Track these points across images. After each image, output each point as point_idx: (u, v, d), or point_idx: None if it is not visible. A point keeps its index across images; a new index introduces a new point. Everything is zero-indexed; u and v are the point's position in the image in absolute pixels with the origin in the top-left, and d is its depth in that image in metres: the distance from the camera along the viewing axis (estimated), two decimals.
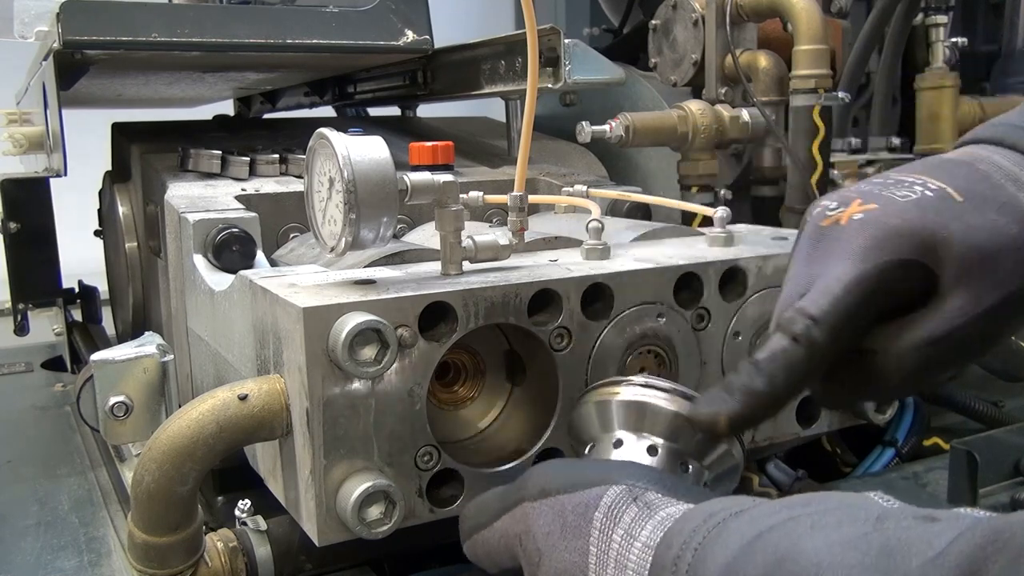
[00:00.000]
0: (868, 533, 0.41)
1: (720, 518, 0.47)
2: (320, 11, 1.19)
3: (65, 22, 1.07)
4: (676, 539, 0.48)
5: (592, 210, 0.86)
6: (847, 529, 0.42)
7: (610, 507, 0.52)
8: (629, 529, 0.50)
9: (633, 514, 0.51)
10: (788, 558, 0.42)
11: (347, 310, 0.64)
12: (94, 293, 1.77)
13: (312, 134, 0.71)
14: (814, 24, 1.20)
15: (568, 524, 0.53)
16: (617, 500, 0.52)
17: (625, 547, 0.50)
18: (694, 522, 0.48)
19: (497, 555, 0.59)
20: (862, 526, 0.42)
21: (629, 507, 0.51)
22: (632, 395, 0.64)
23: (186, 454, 0.68)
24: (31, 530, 1.07)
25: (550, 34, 1.13)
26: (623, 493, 0.52)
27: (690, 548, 0.46)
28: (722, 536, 0.46)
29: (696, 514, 0.49)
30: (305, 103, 1.94)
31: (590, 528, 0.52)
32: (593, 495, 0.53)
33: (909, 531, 0.40)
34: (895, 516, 0.42)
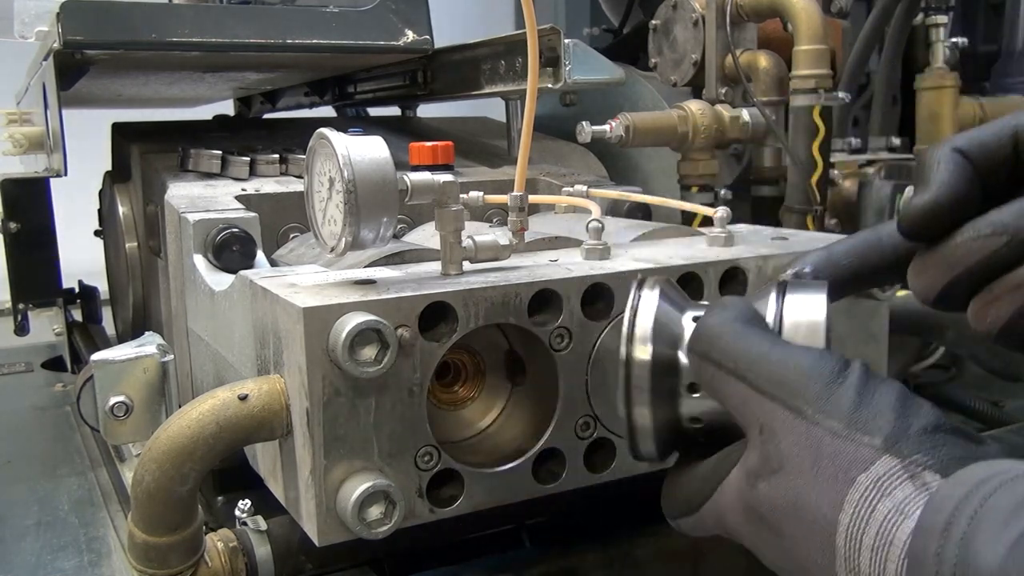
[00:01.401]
0: None
1: (994, 484, 0.43)
2: (320, 11, 1.19)
3: (65, 22, 1.07)
4: (945, 504, 0.44)
5: (592, 210, 0.86)
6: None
7: (880, 477, 0.47)
8: (901, 506, 0.46)
9: (908, 492, 0.46)
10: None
11: (347, 310, 0.64)
12: (94, 293, 1.77)
13: (312, 134, 0.71)
14: (814, 24, 1.21)
15: (822, 466, 0.48)
16: (889, 473, 0.47)
17: (894, 521, 0.46)
18: (964, 487, 0.44)
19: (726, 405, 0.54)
20: None
21: (903, 484, 0.46)
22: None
23: (186, 454, 0.68)
24: (31, 530, 1.07)
25: (550, 34, 1.13)
26: (897, 468, 0.47)
27: (963, 514, 0.42)
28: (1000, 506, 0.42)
29: (966, 478, 0.44)
30: (305, 103, 1.94)
31: (849, 486, 0.47)
32: (860, 456, 0.48)
33: None
34: None
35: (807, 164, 1.22)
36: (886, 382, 0.51)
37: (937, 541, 0.43)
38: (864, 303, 0.87)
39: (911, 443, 0.48)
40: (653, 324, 0.58)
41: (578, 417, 0.75)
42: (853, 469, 0.48)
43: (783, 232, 0.94)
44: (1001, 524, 0.41)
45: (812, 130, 1.22)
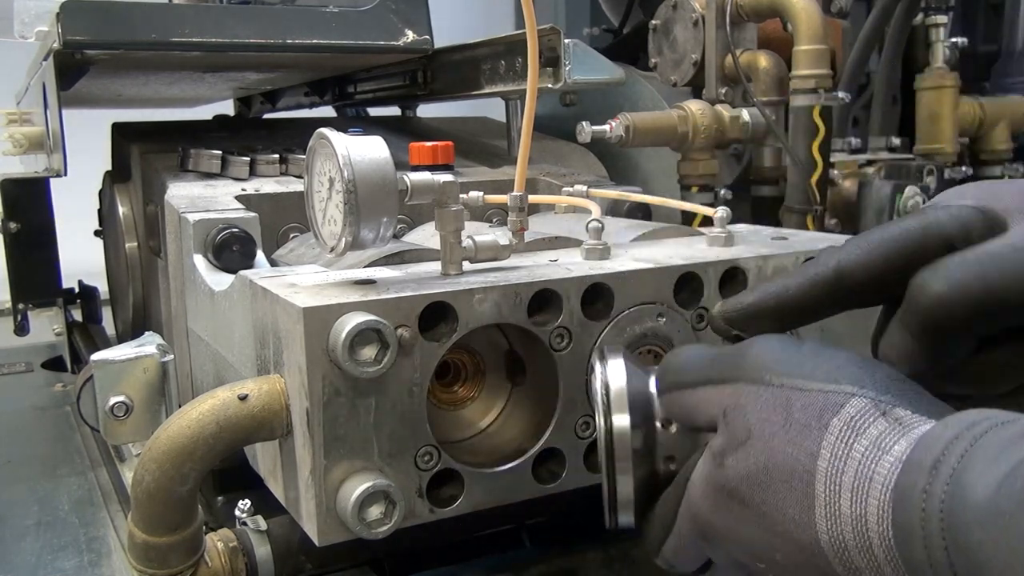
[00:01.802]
0: None
1: (985, 427, 0.43)
2: (320, 11, 1.19)
3: (65, 22, 1.07)
4: (935, 443, 0.44)
5: (592, 210, 0.86)
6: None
7: (853, 417, 0.47)
8: (877, 441, 0.46)
9: (882, 428, 0.47)
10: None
11: (347, 310, 0.64)
12: (94, 293, 1.77)
13: (312, 134, 0.71)
14: (814, 24, 1.21)
15: (794, 419, 0.49)
16: (861, 412, 0.47)
17: (872, 458, 0.46)
18: (954, 429, 0.44)
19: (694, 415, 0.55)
20: None
21: (877, 420, 0.47)
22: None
23: (186, 454, 0.68)
24: (31, 530, 1.07)
25: (550, 34, 1.13)
26: (868, 406, 0.47)
27: (953, 453, 0.43)
28: (991, 445, 0.42)
29: (956, 422, 0.45)
30: (305, 103, 1.94)
31: (824, 432, 0.47)
32: (829, 400, 0.48)
33: None
34: None
35: (807, 164, 1.22)
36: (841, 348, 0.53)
37: (926, 477, 0.43)
38: None
39: (878, 385, 0.48)
40: (627, 391, 0.58)
41: (578, 417, 0.75)
42: (825, 415, 0.48)
43: (783, 232, 0.94)
44: (991, 460, 0.41)
45: (812, 130, 1.22)
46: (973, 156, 1.52)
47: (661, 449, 0.59)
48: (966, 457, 0.42)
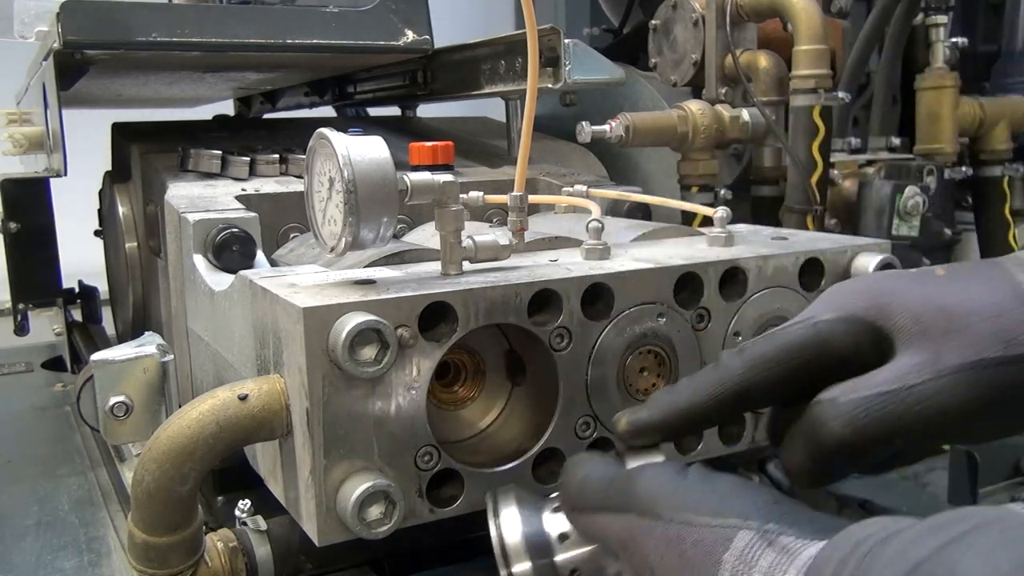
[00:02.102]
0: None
1: (869, 545, 0.45)
2: (320, 11, 1.19)
3: (65, 22, 1.07)
4: (825, 567, 0.45)
5: (592, 210, 0.86)
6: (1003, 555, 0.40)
7: (743, 551, 0.49)
8: (769, 572, 0.48)
9: (771, 559, 0.48)
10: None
11: (347, 310, 0.64)
12: (94, 293, 1.77)
13: (312, 134, 0.71)
14: (814, 24, 1.21)
15: (688, 558, 0.50)
16: (750, 545, 0.49)
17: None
18: (841, 551, 0.46)
19: (597, 540, 0.58)
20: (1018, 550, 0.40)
21: (765, 552, 0.49)
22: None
23: (186, 454, 0.68)
24: (31, 530, 1.07)
25: (550, 34, 1.13)
26: (755, 539, 0.49)
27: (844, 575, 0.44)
28: (874, 568, 0.43)
29: (842, 543, 0.46)
30: (305, 103, 1.94)
31: (718, 569, 0.49)
32: (719, 536, 0.50)
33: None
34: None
35: (807, 164, 1.22)
36: (723, 473, 0.55)
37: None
38: None
39: (761, 514, 0.50)
40: (523, 538, 0.61)
41: (578, 417, 0.75)
42: (717, 550, 0.49)
43: (783, 232, 0.94)
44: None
45: (812, 130, 1.22)
46: (973, 156, 1.52)
47: (564, 570, 0.61)
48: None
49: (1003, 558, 0.40)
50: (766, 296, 0.82)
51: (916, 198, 1.25)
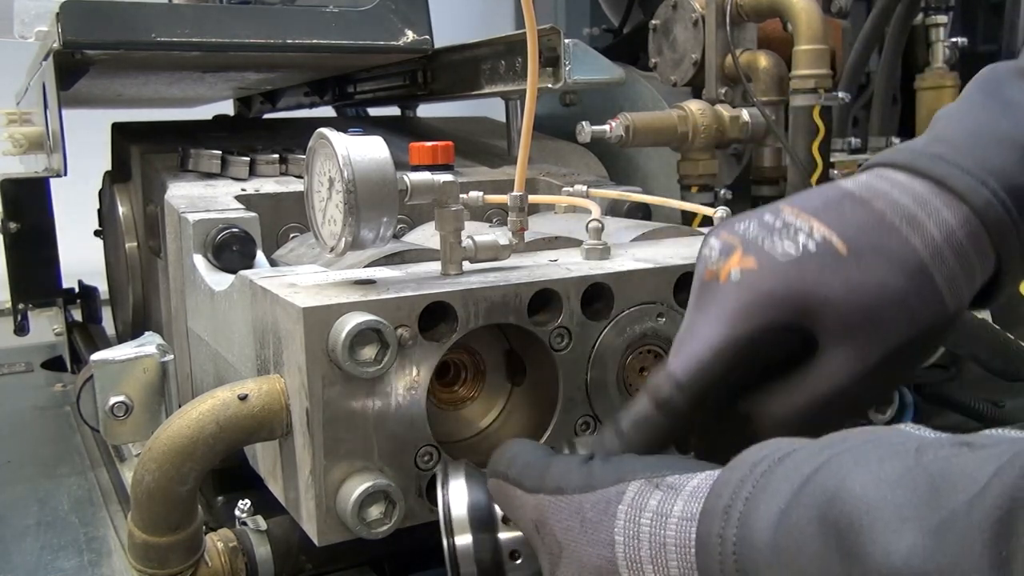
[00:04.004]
0: (911, 468, 0.41)
1: (765, 466, 0.47)
2: (320, 11, 1.19)
3: (65, 22, 1.07)
4: (724, 489, 0.48)
5: (592, 210, 0.86)
6: (889, 465, 0.42)
7: (633, 499, 0.52)
8: (658, 509, 0.50)
9: (659, 497, 0.51)
10: (837, 498, 0.41)
11: (347, 310, 0.64)
12: (94, 293, 1.77)
13: (312, 134, 0.71)
14: (814, 24, 1.21)
15: (588, 520, 0.53)
16: (639, 491, 0.52)
17: (658, 525, 0.50)
18: (740, 471, 0.48)
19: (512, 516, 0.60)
20: (903, 460, 0.42)
21: (653, 493, 0.51)
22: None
23: (186, 454, 0.68)
24: (31, 530, 1.07)
25: (550, 34, 1.13)
26: (643, 484, 0.52)
27: (740, 497, 0.46)
28: (771, 484, 0.45)
29: (740, 463, 0.49)
30: (305, 103, 1.94)
31: (613, 521, 0.51)
32: (613, 492, 0.53)
33: (950, 463, 0.40)
34: (933, 446, 0.42)
35: (807, 164, 1.22)
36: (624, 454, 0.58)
37: (719, 523, 0.47)
38: None
39: (649, 467, 0.53)
40: (467, 510, 0.62)
41: (578, 417, 0.75)
42: (611, 505, 0.52)
43: None
44: (772, 497, 0.45)
45: (812, 130, 1.22)
46: None
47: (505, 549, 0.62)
48: (751, 498, 0.46)
49: (888, 468, 0.41)
50: None
51: None
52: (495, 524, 0.62)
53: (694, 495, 0.50)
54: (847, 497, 0.41)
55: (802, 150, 1.22)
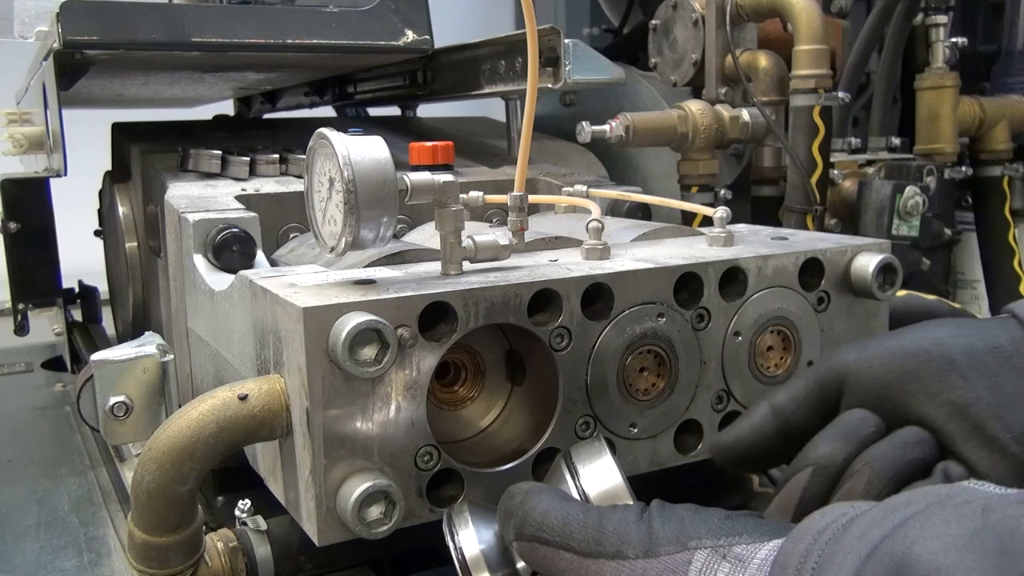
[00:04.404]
0: (980, 530, 0.41)
1: (830, 534, 0.47)
2: (320, 11, 1.19)
3: (65, 22, 1.07)
4: (790, 560, 0.48)
5: (592, 210, 0.86)
6: (956, 528, 0.42)
7: (700, 570, 0.51)
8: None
9: (727, 570, 0.51)
10: (906, 565, 0.41)
11: (347, 310, 0.64)
12: (94, 293, 1.77)
13: (312, 134, 0.71)
14: (814, 24, 1.21)
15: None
16: (706, 563, 0.52)
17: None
18: (804, 542, 0.48)
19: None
20: (971, 522, 0.42)
21: (721, 565, 0.51)
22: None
23: (186, 454, 0.68)
24: (31, 530, 1.07)
25: (550, 34, 1.13)
26: (710, 556, 0.52)
27: (806, 568, 0.46)
28: (837, 554, 0.45)
29: (804, 533, 0.49)
30: (305, 103, 1.94)
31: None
32: (679, 561, 0.52)
33: (1019, 523, 0.40)
34: (1000, 505, 0.42)
35: (807, 164, 1.22)
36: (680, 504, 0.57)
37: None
38: (864, 303, 0.87)
39: (713, 533, 0.53)
40: (481, 554, 0.63)
41: (578, 417, 0.75)
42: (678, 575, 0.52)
43: (783, 232, 0.94)
44: (839, 568, 0.45)
45: (812, 130, 1.22)
46: (973, 156, 1.52)
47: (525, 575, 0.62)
48: (817, 569, 0.46)
49: (956, 531, 0.41)
50: (766, 296, 0.82)
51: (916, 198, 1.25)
52: (511, 558, 0.63)
53: (762, 568, 0.49)
54: (916, 564, 0.41)
55: (802, 150, 1.22)
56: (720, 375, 0.81)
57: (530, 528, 0.59)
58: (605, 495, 0.64)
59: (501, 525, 0.62)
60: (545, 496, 0.61)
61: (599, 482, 0.64)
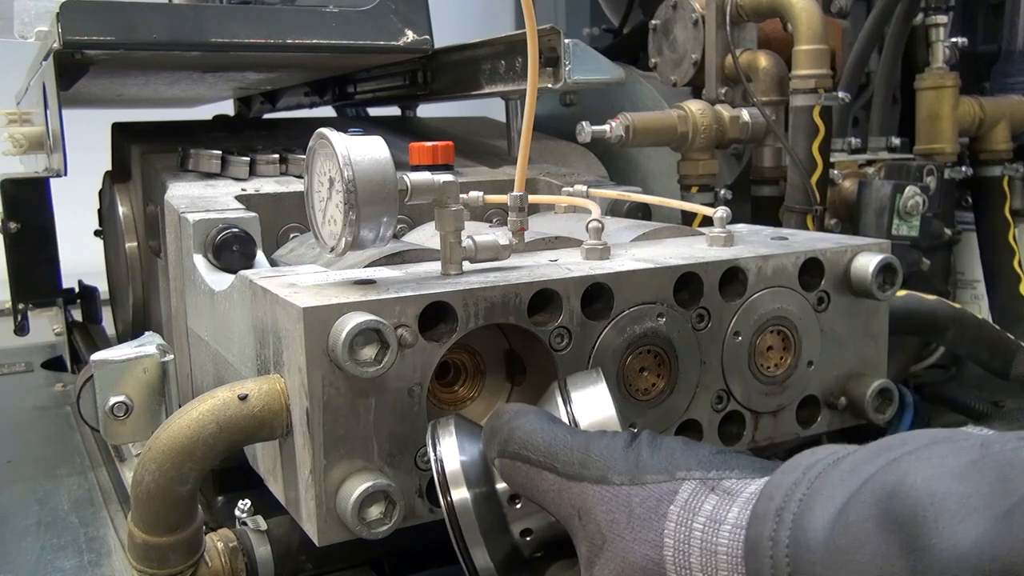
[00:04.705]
0: (976, 460, 0.40)
1: (819, 468, 0.46)
2: (320, 11, 1.19)
3: (65, 22, 1.07)
4: (776, 492, 0.47)
5: (592, 210, 0.86)
6: (953, 460, 0.41)
7: (687, 500, 0.51)
8: (712, 515, 0.49)
9: (714, 502, 0.50)
10: (899, 491, 0.41)
11: (347, 310, 0.64)
12: (94, 293, 1.77)
13: (312, 134, 0.71)
14: (814, 24, 1.21)
15: (636, 515, 0.52)
16: (693, 494, 0.51)
17: (711, 531, 0.49)
18: (793, 475, 0.47)
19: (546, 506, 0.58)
20: (967, 454, 0.41)
21: (708, 497, 0.50)
22: None
23: (186, 454, 0.68)
24: (31, 530, 1.07)
25: (550, 34, 1.13)
26: (698, 487, 0.51)
27: (794, 499, 0.45)
28: (826, 486, 0.45)
29: (793, 467, 0.48)
30: (305, 103, 1.94)
31: (664, 521, 0.50)
32: (664, 490, 0.51)
33: (1019, 453, 0.39)
34: (999, 440, 0.41)
35: (807, 164, 1.22)
36: (670, 437, 0.56)
37: (770, 525, 0.46)
38: (864, 303, 0.87)
39: (703, 466, 0.52)
40: (461, 466, 0.62)
41: None
42: (663, 504, 0.51)
43: (783, 232, 0.94)
44: (827, 499, 0.44)
45: (812, 130, 1.21)
46: (973, 156, 1.52)
47: (516, 524, 0.62)
48: (805, 500, 0.45)
49: (953, 462, 0.41)
50: (766, 296, 0.82)
51: (916, 198, 1.25)
52: (492, 476, 0.61)
53: (750, 502, 0.49)
54: (909, 491, 0.40)
55: (802, 150, 1.22)
56: (720, 375, 0.81)
57: (514, 446, 0.58)
58: (596, 424, 0.63)
59: (485, 442, 0.61)
60: (533, 416, 0.60)
61: (591, 411, 0.63)
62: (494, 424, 0.60)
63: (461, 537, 0.61)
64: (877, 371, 0.89)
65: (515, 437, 0.59)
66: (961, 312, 1.10)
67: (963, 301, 1.52)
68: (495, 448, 0.59)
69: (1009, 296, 1.46)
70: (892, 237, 1.24)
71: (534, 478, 0.57)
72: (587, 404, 0.64)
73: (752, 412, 0.84)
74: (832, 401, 0.88)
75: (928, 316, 1.08)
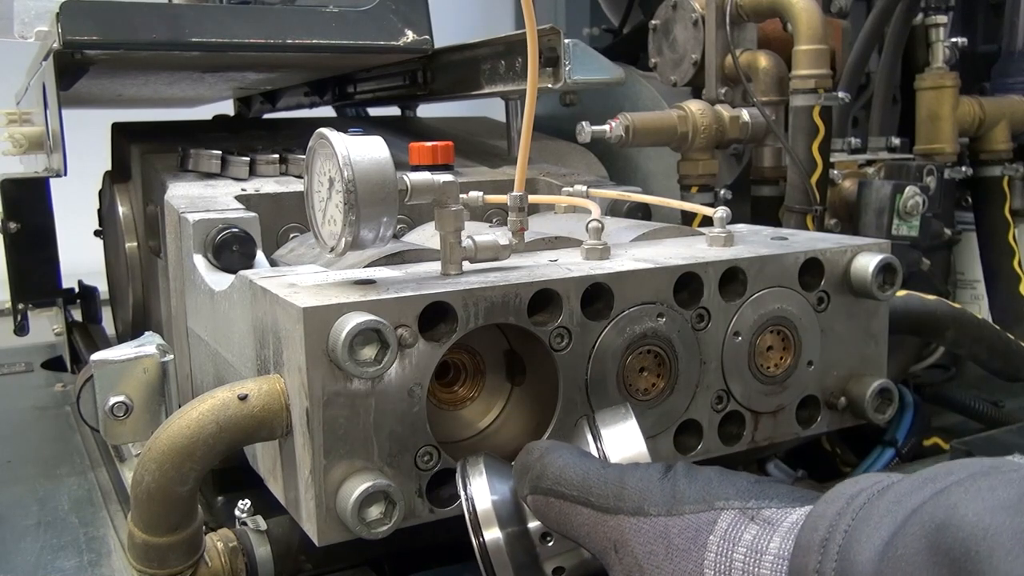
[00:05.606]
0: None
1: (864, 499, 0.46)
2: (320, 11, 1.19)
3: (65, 22, 1.07)
4: (820, 522, 0.46)
5: (592, 210, 0.86)
6: (1003, 492, 0.40)
7: (726, 530, 0.50)
8: (753, 545, 0.49)
9: (755, 532, 0.49)
10: (949, 525, 0.40)
11: (347, 310, 0.64)
12: (94, 293, 1.77)
13: (312, 134, 0.71)
14: (814, 24, 1.21)
15: (675, 546, 0.51)
16: (733, 523, 0.50)
17: (752, 562, 0.48)
18: (836, 505, 0.46)
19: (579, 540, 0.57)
20: (1018, 487, 0.40)
21: (748, 527, 0.50)
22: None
23: (186, 454, 0.68)
24: (31, 530, 1.07)
25: (550, 34, 1.13)
26: (738, 517, 0.50)
27: (838, 530, 0.45)
28: (872, 517, 0.44)
29: (836, 496, 0.47)
30: (305, 103, 1.94)
31: (703, 551, 0.50)
32: (703, 520, 0.51)
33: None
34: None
35: (807, 164, 1.22)
36: (707, 467, 0.56)
37: (816, 556, 0.45)
38: (864, 303, 0.87)
39: (741, 495, 0.52)
40: (492, 505, 0.62)
41: (578, 417, 0.75)
42: (701, 535, 0.51)
43: (783, 232, 0.94)
44: (874, 530, 0.43)
45: (812, 130, 1.21)
46: (973, 156, 1.52)
47: (548, 563, 0.61)
48: (850, 531, 0.44)
49: (1003, 494, 0.40)
50: (766, 296, 0.82)
51: (916, 198, 1.25)
52: (523, 514, 0.61)
53: (792, 532, 0.48)
54: (960, 524, 0.39)
55: (802, 150, 1.22)
56: (720, 375, 0.81)
57: (547, 482, 0.58)
58: (627, 460, 0.62)
59: (517, 480, 0.60)
60: (565, 451, 0.59)
61: (623, 447, 0.63)
62: (525, 461, 0.60)
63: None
64: (877, 371, 0.89)
65: (548, 473, 0.58)
66: (961, 312, 1.10)
67: (963, 301, 1.52)
68: (527, 485, 0.59)
69: (1009, 296, 1.46)
70: (892, 237, 1.23)
71: (568, 513, 0.57)
72: (618, 440, 0.64)
73: (752, 412, 0.84)
74: (832, 401, 0.88)
75: (928, 316, 1.08)
